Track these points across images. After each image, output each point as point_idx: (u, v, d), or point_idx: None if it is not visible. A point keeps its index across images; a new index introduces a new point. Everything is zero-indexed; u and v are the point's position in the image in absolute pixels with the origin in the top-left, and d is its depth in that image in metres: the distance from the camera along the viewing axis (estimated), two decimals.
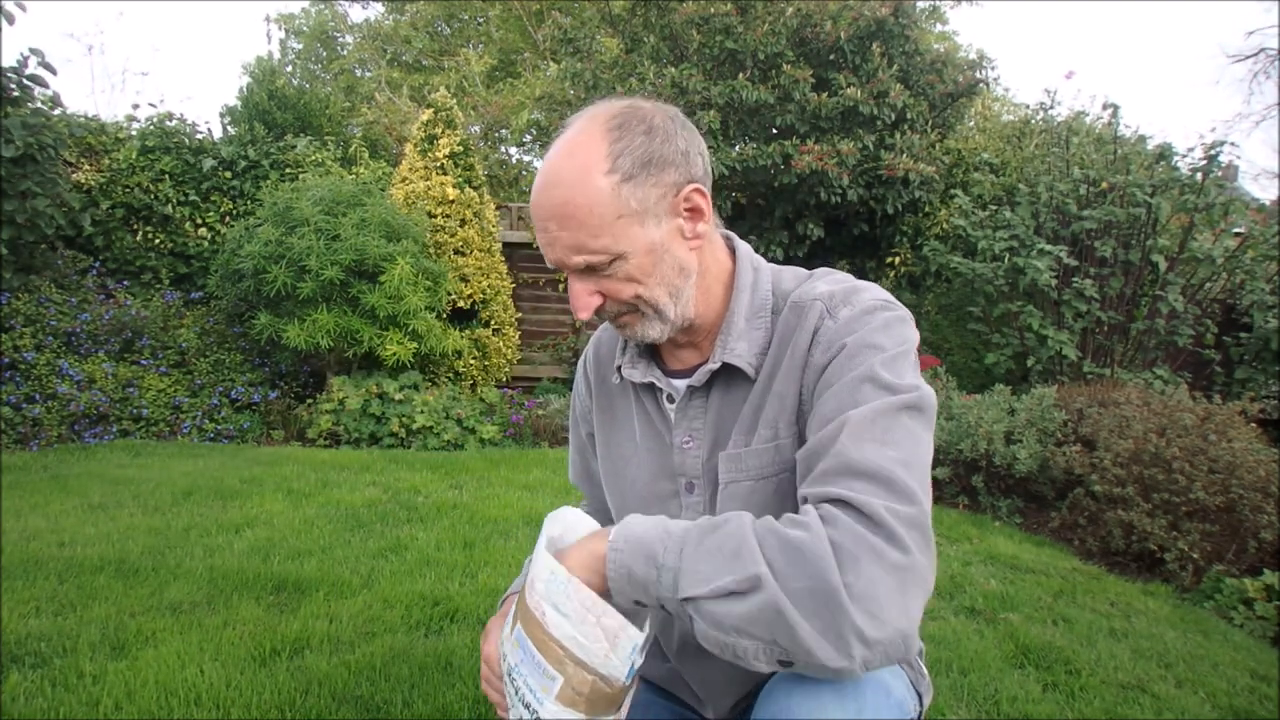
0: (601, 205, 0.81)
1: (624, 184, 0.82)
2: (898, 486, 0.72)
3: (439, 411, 5.04)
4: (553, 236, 0.84)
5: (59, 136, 4.75)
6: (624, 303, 0.87)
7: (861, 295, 0.87)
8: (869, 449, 0.74)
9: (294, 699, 1.68)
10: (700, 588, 0.70)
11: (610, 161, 0.82)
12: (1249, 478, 2.94)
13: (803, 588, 0.67)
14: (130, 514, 3.05)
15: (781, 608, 0.67)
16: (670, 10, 6.09)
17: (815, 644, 0.66)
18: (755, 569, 0.68)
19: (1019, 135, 6.92)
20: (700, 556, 0.72)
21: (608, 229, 0.82)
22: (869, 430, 0.75)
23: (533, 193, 0.86)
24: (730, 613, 0.69)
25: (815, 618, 0.66)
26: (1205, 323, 5.08)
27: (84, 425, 4.63)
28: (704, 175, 0.88)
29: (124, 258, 5.89)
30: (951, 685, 1.91)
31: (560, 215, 0.82)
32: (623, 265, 0.84)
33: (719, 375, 0.92)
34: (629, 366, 0.99)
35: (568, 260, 0.84)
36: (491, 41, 13.79)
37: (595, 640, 0.74)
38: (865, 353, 0.81)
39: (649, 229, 0.84)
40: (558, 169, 0.83)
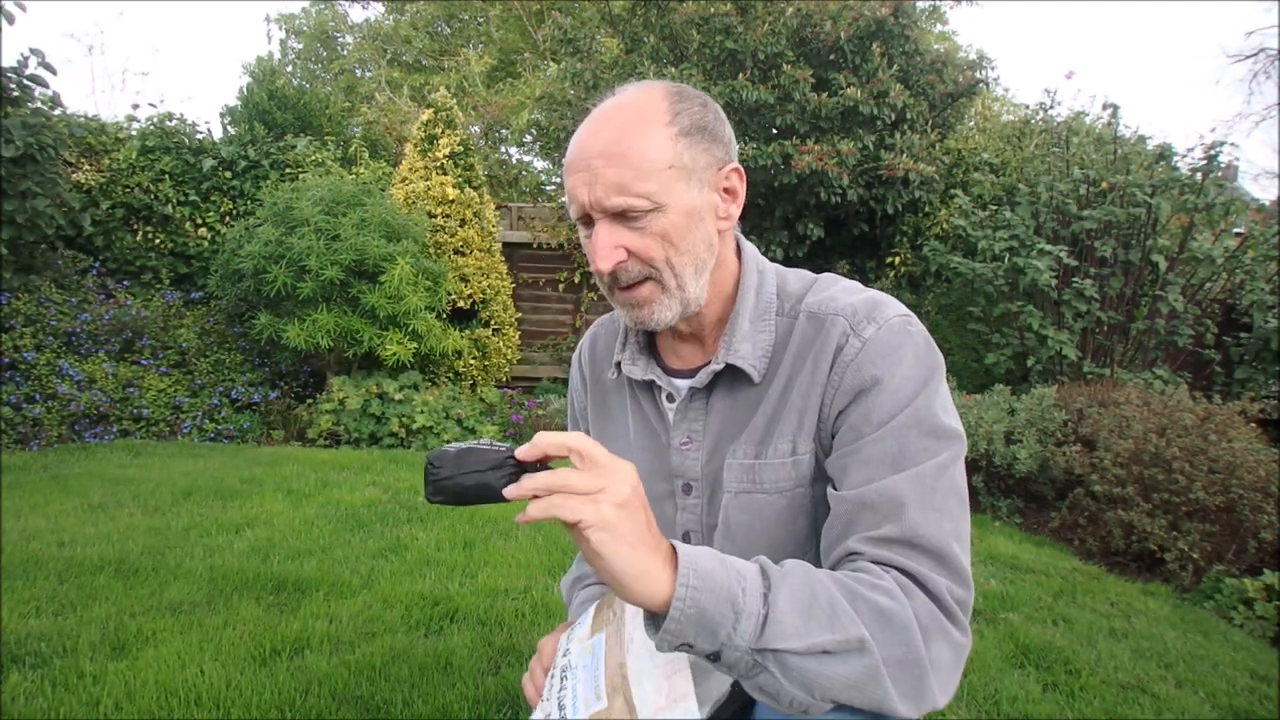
0: (655, 149, 0.81)
1: (681, 137, 0.83)
2: (957, 568, 0.75)
3: (439, 411, 5.04)
4: (596, 174, 0.81)
5: (59, 136, 4.75)
6: (648, 265, 0.84)
7: (884, 311, 0.85)
8: (930, 521, 0.76)
9: (294, 699, 1.68)
10: (793, 641, 0.66)
11: (670, 115, 0.83)
12: (1249, 478, 2.94)
13: (894, 656, 0.69)
14: (130, 514, 3.05)
15: (880, 674, 0.68)
16: (670, 10, 6.09)
17: (900, 708, 0.69)
18: (858, 632, 0.68)
19: (1019, 135, 6.92)
20: (792, 605, 0.68)
21: (656, 175, 0.81)
22: (929, 497, 0.77)
23: (576, 138, 0.84)
24: (825, 672, 0.67)
25: (903, 685, 0.69)
26: (1205, 323, 5.08)
27: (84, 425, 4.63)
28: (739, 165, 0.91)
29: (124, 258, 5.89)
30: None
31: (610, 152, 0.80)
32: (659, 219, 0.82)
33: (721, 377, 0.91)
34: (629, 363, 0.97)
35: (606, 200, 0.81)
36: (491, 41, 13.79)
37: (658, 692, 0.71)
38: (907, 387, 0.81)
39: (691, 191, 0.84)
40: (615, 111, 0.83)
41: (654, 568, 0.66)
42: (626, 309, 0.88)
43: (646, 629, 0.71)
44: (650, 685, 0.72)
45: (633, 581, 0.66)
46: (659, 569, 0.67)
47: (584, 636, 0.82)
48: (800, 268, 1.00)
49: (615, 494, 0.66)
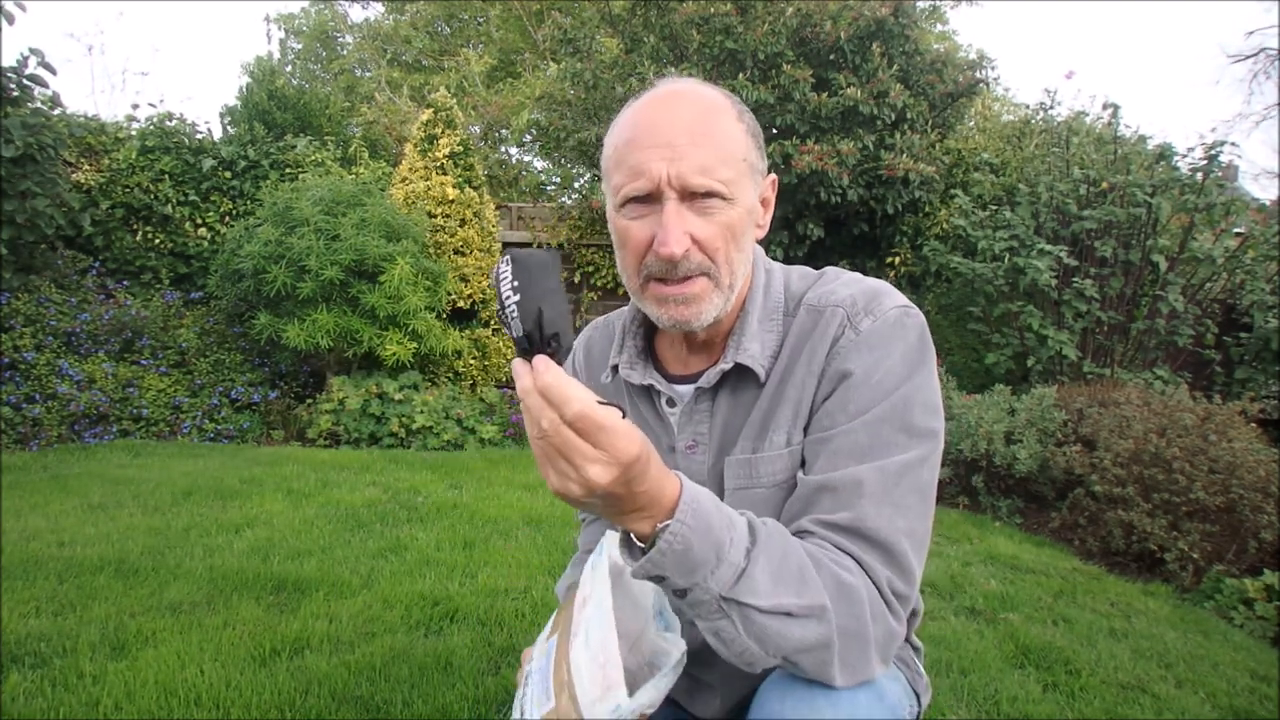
0: (735, 139, 0.81)
1: (748, 136, 0.83)
2: (903, 563, 0.77)
3: (439, 411, 5.04)
4: (680, 152, 0.77)
5: (59, 136, 4.75)
6: (708, 257, 0.81)
7: (882, 302, 0.85)
8: (883, 515, 0.76)
9: (294, 699, 1.68)
10: (759, 599, 0.69)
11: (737, 113, 0.83)
12: (1249, 478, 2.94)
13: (846, 626, 0.72)
14: (130, 514, 3.05)
15: (832, 642, 0.71)
16: (670, 10, 6.09)
17: (838, 675, 0.72)
18: (821, 600, 0.71)
19: (1019, 135, 6.92)
20: (768, 567, 0.70)
21: (734, 164, 0.81)
22: (889, 491, 0.77)
23: (645, 116, 0.81)
24: (782, 632, 0.70)
25: (847, 655, 0.72)
26: (1205, 323, 5.08)
27: (84, 425, 4.63)
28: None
29: (124, 258, 5.89)
30: (951, 685, 1.91)
31: (698, 131, 0.78)
32: (728, 210, 0.80)
33: (728, 377, 0.90)
34: (626, 367, 0.96)
35: (690, 179, 0.77)
36: (491, 41, 13.79)
37: (594, 683, 0.72)
38: (889, 381, 0.80)
39: (750, 190, 0.84)
40: (690, 95, 0.82)
41: (635, 523, 0.68)
42: (667, 305, 0.83)
43: (621, 554, 0.72)
44: (587, 677, 0.73)
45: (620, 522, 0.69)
46: (643, 521, 0.68)
47: (544, 639, 0.83)
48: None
49: (598, 479, 0.62)
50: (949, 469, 3.91)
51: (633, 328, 0.99)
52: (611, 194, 0.84)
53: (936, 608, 2.47)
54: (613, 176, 0.84)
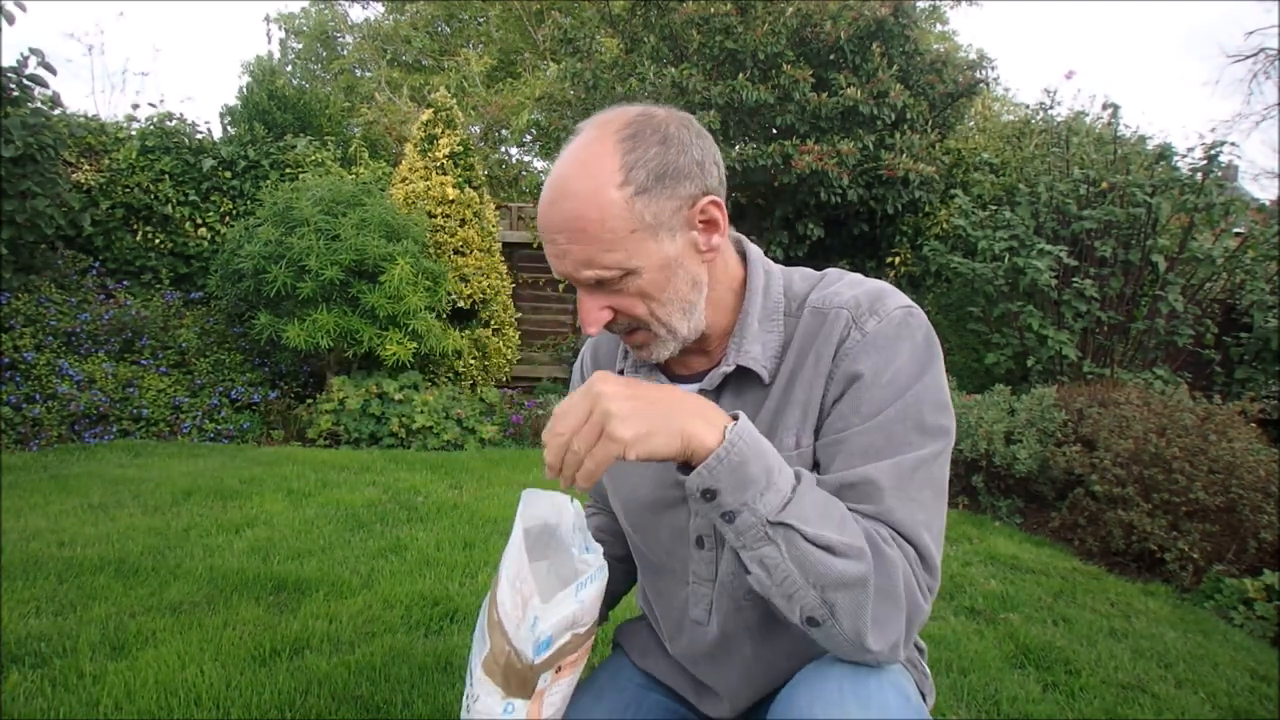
0: (614, 219, 0.78)
1: (638, 197, 0.79)
2: (926, 554, 0.78)
3: (439, 411, 5.04)
4: (562, 249, 0.81)
5: (59, 136, 4.75)
6: (635, 318, 0.85)
7: (886, 303, 0.85)
8: (903, 508, 0.78)
9: (294, 699, 1.68)
10: (806, 525, 0.72)
11: (624, 174, 0.79)
12: (1249, 478, 2.94)
13: (880, 585, 0.73)
14: (130, 514, 3.05)
15: (869, 586, 0.72)
16: (670, 10, 6.09)
17: (868, 629, 0.73)
18: (860, 543, 0.73)
19: (1019, 135, 6.92)
20: (810, 501, 0.74)
21: (620, 244, 0.79)
22: (905, 486, 0.79)
23: (541, 204, 0.83)
24: (824, 561, 0.72)
25: (880, 611, 0.73)
26: (1205, 323, 5.08)
27: (84, 425, 4.63)
28: (719, 185, 0.86)
29: (124, 258, 5.89)
30: (951, 685, 1.91)
31: (571, 229, 0.79)
32: (635, 280, 0.81)
33: (730, 379, 0.90)
34: (631, 371, 0.97)
35: (578, 275, 0.81)
36: (491, 41, 13.79)
37: (515, 607, 0.74)
38: (901, 380, 0.81)
39: (663, 244, 0.81)
40: (568, 180, 0.80)
41: (694, 427, 0.73)
42: (629, 348, 0.91)
43: (679, 471, 0.76)
44: (510, 606, 0.75)
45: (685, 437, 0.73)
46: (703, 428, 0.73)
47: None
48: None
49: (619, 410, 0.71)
50: (949, 469, 3.91)
51: None
52: None
53: (936, 608, 2.47)
54: None
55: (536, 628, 0.73)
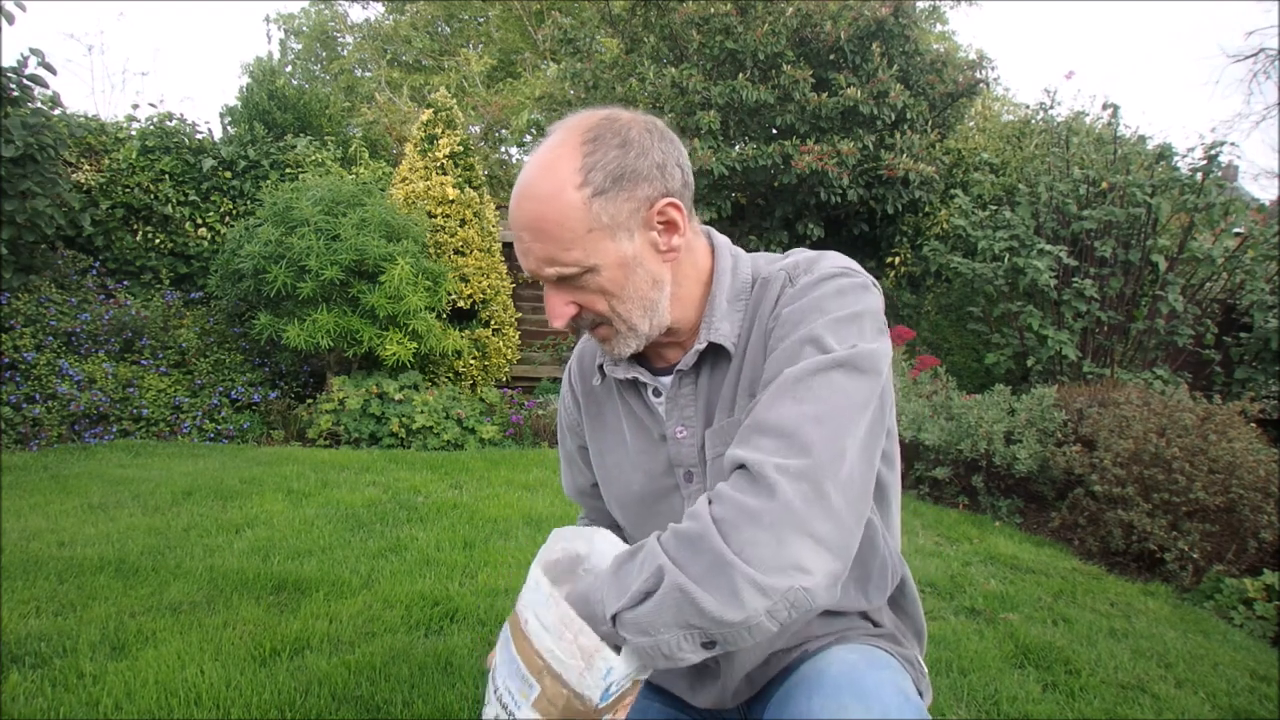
0: (573, 219, 0.82)
1: (595, 198, 0.83)
2: (798, 441, 0.74)
3: (439, 411, 5.04)
4: (527, 247, 0.86)
5: (59, 136, 4.75)
6: (598, 314, 0.89)
7: (822, 262, 0.90)
8: (784, 406, 0.77)
9: (294, 699, 1.68)
10: (620, 601, 0.75)
11: (582, 175, 0.83)
12: (1249, 478, 2.94)
13: (701, 568, 0.71)
14: (130, 514, 3.05)
15: (684, 586, 0.71)
16: (670, 10, 6.09)
17: (718, 608, 0.70)
18: (656, 562, 0.74)
19: (1019, 135, 6.92)
20: (616, 579, 0.78)
21: (579, 242, 0.83)
22: (792, 389, 0.78)
23: (510, 203, 0.88)
24: (647, 612, 0.73)
25: (714, 587, 0.70)
26: (1205, 323, 5.08)
27: (84, 425, 4.63)
28: (682, 188, 0.88)
29: (124, 258, 5.89)
30: (951, 685, 1.91)
31: (533, 227, 0.84)
32: (594, 278, 0.86)
33: (705, 357, 0.93)
34: (611, 365, 0.99)
35: (541, 271, 0.86)
36: (491, 41, 13.80)
37: (572, 657, 0.74)
38: (810, 316, 0.84)
39: (620, 243, 0.85)
40: (532, 182, 0.85)
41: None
42: (596, 342, 0.95)
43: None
44: (563, 654, 0.75)
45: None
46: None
47: (500, 634, 0.86)
48: None
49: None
50: (949, 469, 3.91)
51: None
52: None
53: (936, 608, 2.47)
54: None
55: (609, 677, 0.75)
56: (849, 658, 0.82)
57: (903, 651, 0.96)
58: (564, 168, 0.83)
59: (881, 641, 0.95)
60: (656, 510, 0.98)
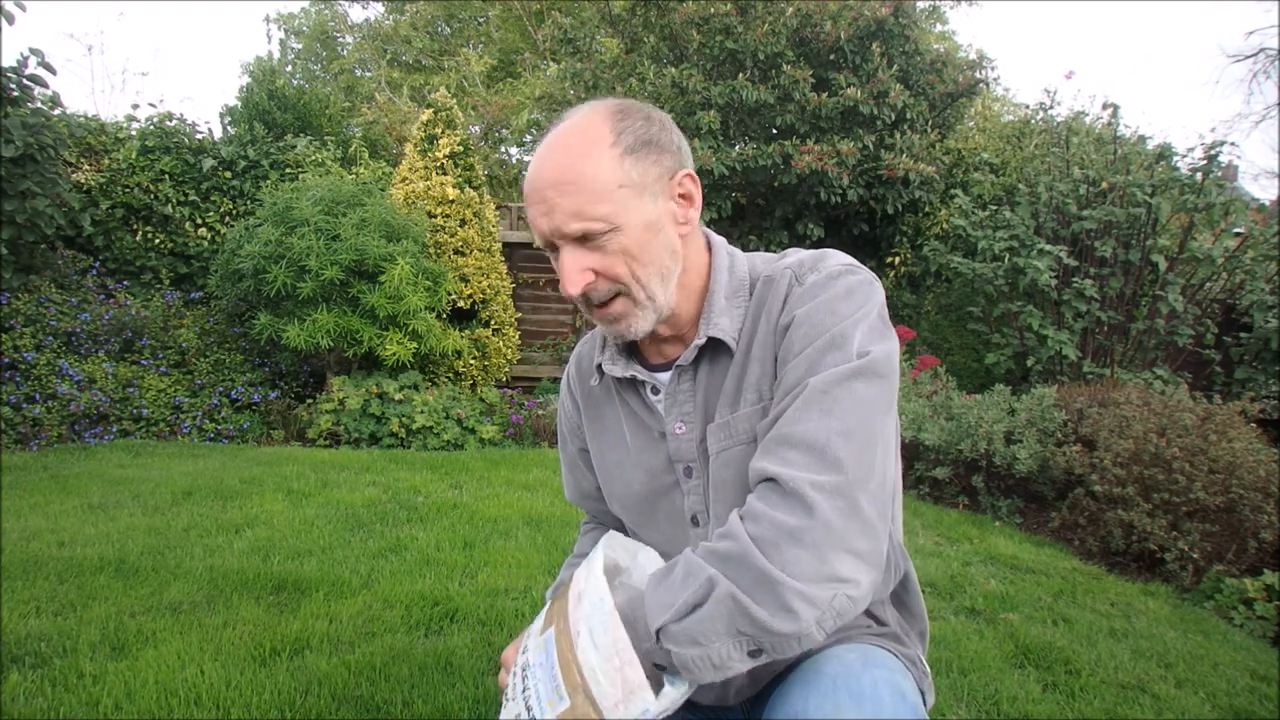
0: (605, 172, 0.83)
1: (626, 156, 0.85)
2: (829, 456, 0.76)
3: (439, 411, 5.04)
4: (551, 205, 0.84)
5: (59, 136, 4.75)
6: (616, 282, 0.87)
7: (827, 260, 0.90)
8: (812, 420, 0.78)
9: (294, 699, 1.68)
10: (665, 615, 0.74)
11: (614, 135, 0.85)
12: (1249, 478, 2.94)
13: (749, 583, 0.72)
14: (130, 514, 3.05)
15: (736, 595, 0.72)
16: (670, 10, 6.09)
17: (770, 620, 0.71)
18: (704, 574, 0.74)
19: (1019, 135, 6.92)
20: (657, 594, 0.77)
21: (608, 197, 0.83)
22: (818, 401, 0.79)
23: (530, 169, 0.87)
24: (697, 621, 0.73)
25: (764, 602, 0.71)
26: (1205, 323, 5.08)
27: (84, 425, 4.63)
28: (693, 170, 0.93)
29: (124, 258, 5.89)
30: (951, 685, 1.91)
31: (562, 181, 0.83)
32: (619, 238, 0.85)
33: (704, 353, 0.94)
34: (609, 363, 0.99)
35: (565, 227, 0.84)
36: (491, 41, 13.79)
37: (613, 685, 0.73)
38: (826, 319, 0.84)
39: (645, 204, 0.86)
40: (561, 140, 0.86)
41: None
42: (604, 324, 0.92)
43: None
44: (605, 679, 0.74)
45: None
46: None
47: (538, 632, 0.83)
48: None
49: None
50: (949, 469, 3.91)
51: None
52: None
53: (936, 608, 2.47)
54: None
55: (646, 714, 0.74)
56: (847, 657, 0.82)
57: (905, 651, 0.96)
58: (596, 129, 0.85)
59: (884, 641, 0.95)
60: (658, 508, 0.98)
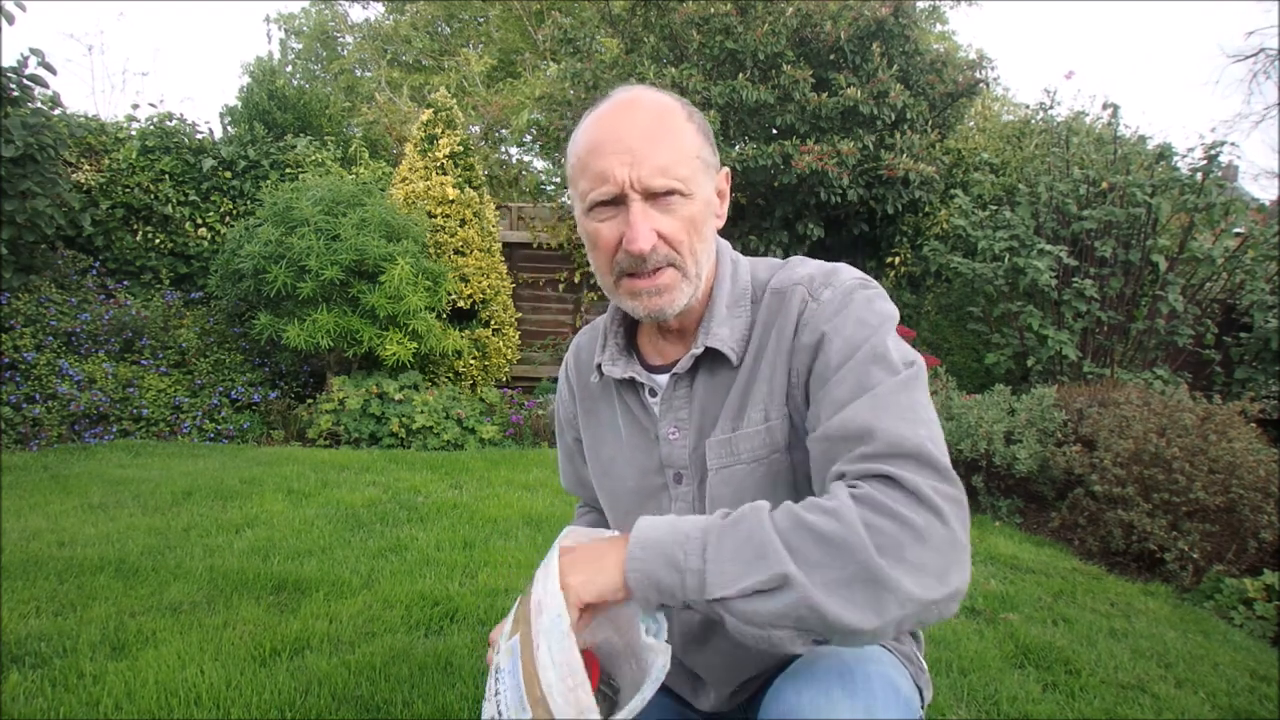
0: (687, 139, 0.87)
1: (699, 134, 0.89)
2: (938, 466, 0.74)
3: (439, 411, 5.04)
4: (639, 156, 0.83)
5: (59, 136, 4.75)
6: (674, 250, 0.87)
7: (840, 275, 0.91)
8: (902, 428, 0.76)
9: (294, 699, 1.68)
10: (728, 589, 0.71)
11: (687, 113, 0.89)
12: (1249, 478, 2.94)
13: (842, 576, 0.68)
14: (130, 514, 3.05)
15: (813, 603, 0.68)
16: (670, 10, 6.09)
17: (851, 618, 0.68)
18: (781, 568, 0.69)
19: (1019, 135, 6.92)
20: (724, 557, 0.72)
21: (689, 162, 0.86)
22: (893, 410, 0.78)
23: (603, 124, 0.87)
24: (761, 610, 0.70)
25: (851, 599, 0.68)
26: (1205, 323, 5.08)
27: (84, 425, 4.63)
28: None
29: (124, 258, 5.89)
30: (951, 685, 1.91)
31: (653, 134, 0.84)
32: (688, 205, 0.86)
33: (702, 362, 0.93)
34: (609, 364, 0.99)
35: (650, 180, 0.83)
36: (491, 41, 13.79)
37: (567, 704, 0.72)
38: (857, 333, 0.84)
39: (707, 184, 0.90)
40: (643, 103, 0.87)
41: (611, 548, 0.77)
42: (641, 298, 0.88)
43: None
44: (560, 699, 0.73)
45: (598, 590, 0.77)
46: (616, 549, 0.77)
47: (507, 635, 0.82)
48: None
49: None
50: None
51: (613, 326, 1.02)
52: (579, 199, 0.89)
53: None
54: (579, 183, 0.89)
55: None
56: (841, 652, 0.81)
57: (900, 648, 0.96)
58: (672, 103, 0.89)
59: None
60: (644, 509, 0.98)
